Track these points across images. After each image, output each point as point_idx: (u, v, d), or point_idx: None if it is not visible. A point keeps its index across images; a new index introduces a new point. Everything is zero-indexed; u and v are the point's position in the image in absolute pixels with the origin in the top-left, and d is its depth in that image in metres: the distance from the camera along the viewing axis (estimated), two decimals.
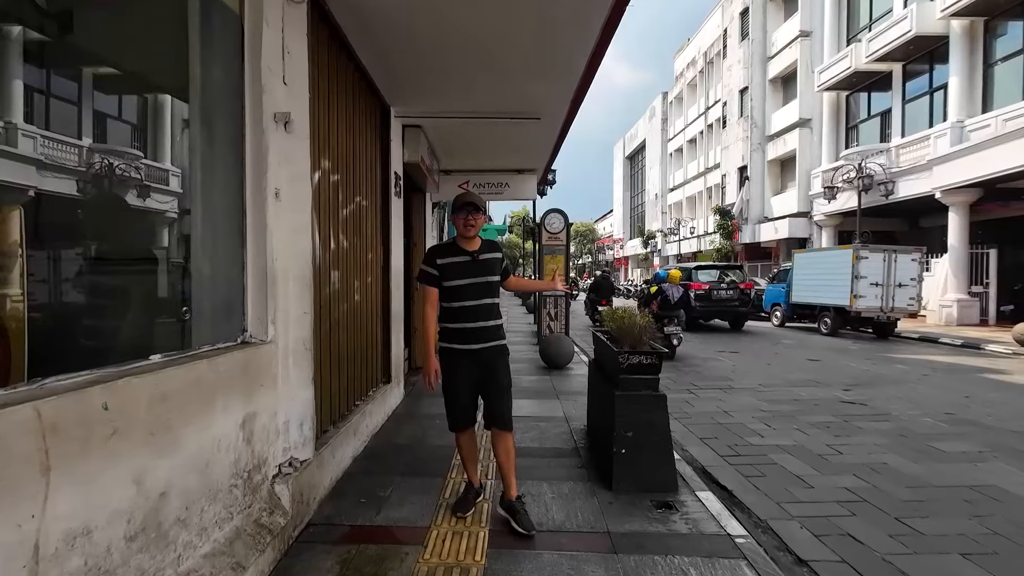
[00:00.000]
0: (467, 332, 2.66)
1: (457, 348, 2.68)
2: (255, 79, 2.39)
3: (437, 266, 2.63)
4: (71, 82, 2.08)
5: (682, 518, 2.81)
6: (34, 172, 1.85)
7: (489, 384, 2.72)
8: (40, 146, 1.88)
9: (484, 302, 2.68)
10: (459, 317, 2.67)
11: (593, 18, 3.25)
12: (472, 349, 2.66)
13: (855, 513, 3.08)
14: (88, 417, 1.39)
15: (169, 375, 1.71)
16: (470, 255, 2.67)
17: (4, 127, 1.79)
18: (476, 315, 2.66)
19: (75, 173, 2.01)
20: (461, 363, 2.68)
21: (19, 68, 1.86)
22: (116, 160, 2.16)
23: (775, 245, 23.42)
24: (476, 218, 2.67)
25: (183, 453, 1.78)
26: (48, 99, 2.01)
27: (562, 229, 9.07)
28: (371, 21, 3.31)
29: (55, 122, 1.97)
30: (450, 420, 2.80)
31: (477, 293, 2.65)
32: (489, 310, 2.70)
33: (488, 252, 2.75)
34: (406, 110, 5.06)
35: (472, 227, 2.66)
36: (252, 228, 2.41)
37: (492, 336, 2.71)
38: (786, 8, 23.47)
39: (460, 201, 2.70)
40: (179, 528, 1.77)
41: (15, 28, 1.85)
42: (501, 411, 2.73)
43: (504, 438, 2.74)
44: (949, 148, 13.79)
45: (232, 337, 2.33)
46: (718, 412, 5.37)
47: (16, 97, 1.85)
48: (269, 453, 2.41)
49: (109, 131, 2.20)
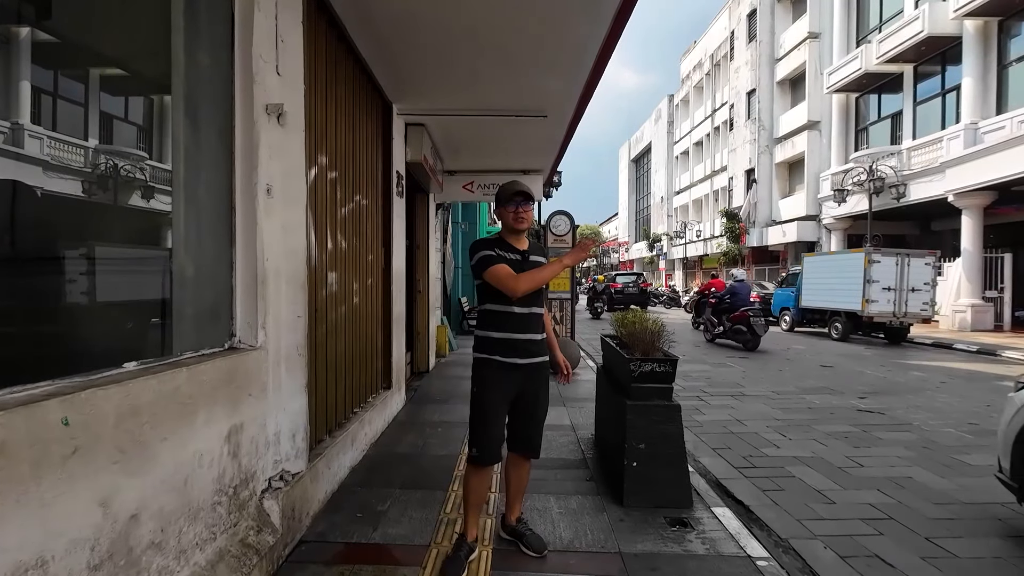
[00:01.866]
0: (514, 344, 2.30)
1: (500, 361, 2.30)
2: (246, 68, 2.24)
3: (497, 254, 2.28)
4: (78, 83, 1.98)
5: (698, 537, 2.63)
6: (40, 172, 1.78)
7: (528, 405, 2.37)
8: (47, 147, 1.81)
9: (534, 311, 2.34)
10: (506, 325, 2.30)
11: (606, 5, 3.09)
12: (518, 364, 2.30)
13: (882, 532, 2.89)
14: (42, 435, 1.23)
15: (142, 386, 1.56)
16: (521, 254, 2.33)
17: (11, 128, 1.70)
18: (525, 325, 2.31)
19: (81, 174, 1.93)
20: (503, 380, 2.30)
21: (27, 69, 1.77)
22: (121, 161, 2.07)
23: (783, 248, 23.15)
24: (528, 209, 2.33)
25: (158, 471, 1.62)
26: (56, 100, 1.92)
27: (568, 231, 8.88)
28: (371, 11, 3.17)
29: (58, 122, 1.89)
30: (478, 450, 2.30)
31: (527, 299, 2.30)
32: (538, 321, 2.37)
33: (538, 254, 2.41)
34: (409, 107, 4.91)
35: (524, 220, 2.31)
36: (241, 226, 2.25)
37: (539, 350, 2.37)
38: (794, 10, 23.26)
39: (510, 190, 2.32)
40: (153, 552, 1.62)
41: (23, 29, 1.75)
42: (532, 435, 2.43)
43: (525, 465, 2.50)
44: (962, 150, 13.54)
45: (219, 343, 2.18)
46: (730, 421, 5.18)
47: (24, 98, 1.75)
48: (258, 467, 2.25)
49: (113, 132, 2.10)
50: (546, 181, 9.80)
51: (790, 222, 21.97)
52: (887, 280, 11.53)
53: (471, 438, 2.34)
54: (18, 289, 1.68)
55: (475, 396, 2.34)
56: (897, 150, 16.35)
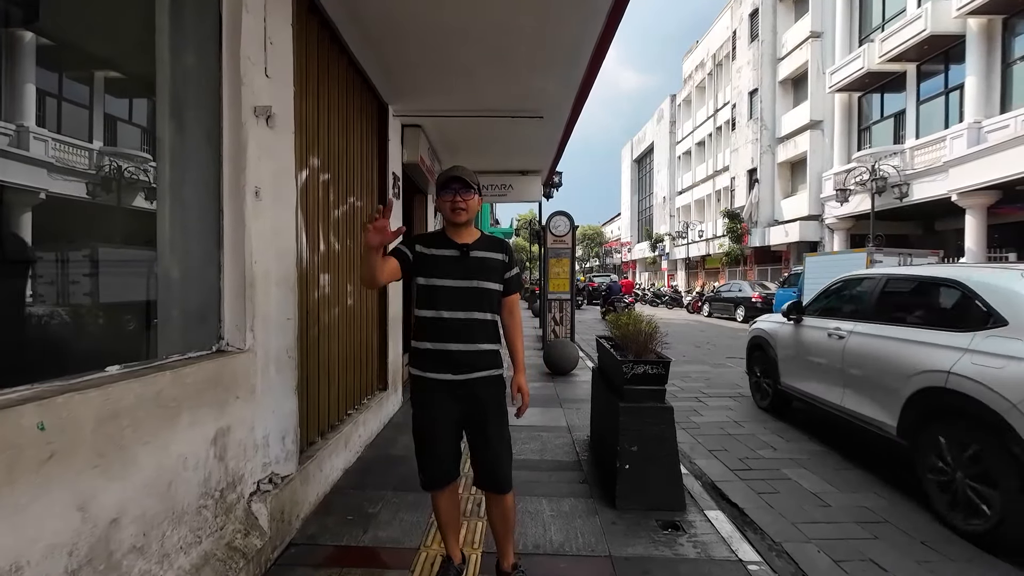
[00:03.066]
0: (444, 356, 1.95)
1: (429, 378, 1.98)
2: (233, 70, 2.24)
3: (415, 251, 1.99)
4: (83, 85, 2.00)
5: (690, 540, 2.61)
6: (45, 175, 1.82)
7: (478, 427, 2.02)
8: (52, 149, 1.85)
9: (471, 316, 1.96)
10: (434, 333, 1.96)
11: (598, 2, 3.07)
12: (450, 380, 1.96)
13: (877, 536, 2.86)
14: (16, 439, 1.23)
15: (123, 389, 1.55)
16: (459, 248, 2.00)
17: (16, 130, 1.74)
18: (458, 332, 1.95)
19: (85, 175, 1.96)
20: (435, 398, 1.99)
21: (31, 72, 1.80)
22: (125, 163, 2.08)
23: (785, 248, 23.06)
24: (467, 198, 1.98)
25: (139, 475, 1.62)
26: (60, 102, 1.94)
27: (567, 232, 8.87)
28: (362, 10, 3.17)
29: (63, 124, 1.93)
30: (422, 476, 2.07)
31: (462, 302, 1.96)
32: (479, 328, 1.98)
33: (487, 249, 2.04)
34: (405, 108, 4.91)
35: (463, 210, 1.97)
36: (229, 228, 2.25)
37: (479, 363, 1.98)
38: (796, 9, 23.17)
39: (444, 176, 2.01)
40: (135, 557, 1.61)
41: (27, 34, 1.77)
42: (492, 467, 2.02)
43: (499, 501, 2.08)
44: (966, 149, 13.45)
45: (207, 345, 2.18)
46: (728, 422, 5.15)
47: (29, 101, 1.78)
48: (246, 469, 2.24)
49: (118, 134, 2.12)
50: (546, 182, 9.79)
51: (792, 222, 21.89)
52: None
53: (417, 463, 2.09)
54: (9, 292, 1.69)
55: (414, 419, 2.08)
56: (900, 149, 16.25)
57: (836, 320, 4.42)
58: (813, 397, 4.54)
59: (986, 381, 2.80)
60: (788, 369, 5.04)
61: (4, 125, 1.72)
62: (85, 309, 2.00)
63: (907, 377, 3.36)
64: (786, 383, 5.04)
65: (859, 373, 3.94)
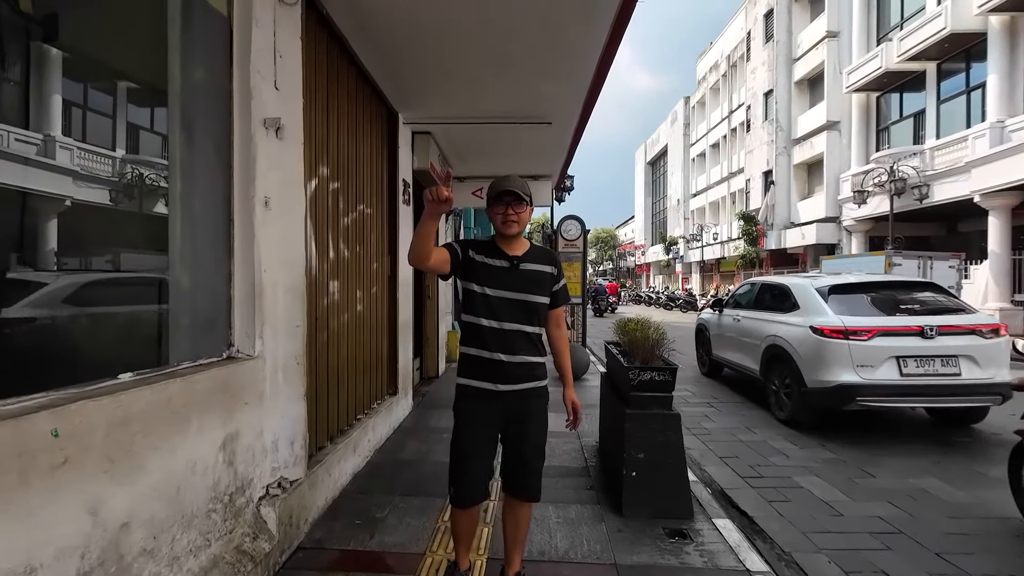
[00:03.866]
0: (490, 366, 1.96)
1: (475, 387, 1.99)
2: (244, 83, 2.30)
3: (467, 256, 1.99)
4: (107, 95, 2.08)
5: (696, 549, 2.59)
6: (70, 182, 1.87)
7: (517, 438, 2.03)
8: (77, 157, 1.91)
9: (520, 328, 1.96)
10: (481, 341, 1.97)
11: (604, 10, 3.08)
12: (495, 390, 1.97)
13: (890, 547, 2.81)
14: (30, 445, 1.28)
15: (133, 396, 1.60)
16: (509, 260, 2.00)
17: (43, 140, 1.80)
18: (505, 343, 1.95)
19: (108, 183, 2.02)
20: (478, 410, 2.00)
21: (58, 83, 1.86)
22: (147, 170, 2.15)
23: (802, 251, 22.71)
24: (520, 210, 1.97)
25: (149, 479, 1.66)
26: (85, 112, 2.02)
27: (579, 236, 8.87)
28: (370, 22, 3.22)
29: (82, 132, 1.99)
30: (454, 490, 2.04)
31: (511, 313, 1.96)
32: (526, 341, 1.99)
33: (538, 261, 2.04)
34: (414, 116, 4.96)
35: (514, 223, 1.97)
36: (240, 238, 2.30)
37: (526, 375, 1.99)
38: (812, 9, 22.88)
39: (496, 188, 1.99)
40: (145, 559, 1.66)
41: (53, 49, 1.84)
42: (526, 478, 2.05)
43: (521, 509, 2.12)
44: (989, 149, 13.13)
45: (217, 352, 2.23)
46: (739, 428, 5.09)
47: (55, 111, 1.85)
48: (255, 474, 2.29)
49: (140, 142, 2.19)
50: (556, 186, 9.79)
51: (809, 224, 21.56)
52: None
53: (450, 475, 2.07)
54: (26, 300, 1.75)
55: (454, 429, 2.08)
56: (920, 150, 15.93)
57: (737, 310, 6.83)
58: (728, 361, 6.93)
59: (786, 337, 5.25)
60: (716, 344, 7.44)
61: (32, 135, 1.79)
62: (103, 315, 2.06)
63: (762, 339, 5.75)
64: (716, 354, 7.45)
65: (746, 341, 6.26)
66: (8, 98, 1.79)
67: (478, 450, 2.02)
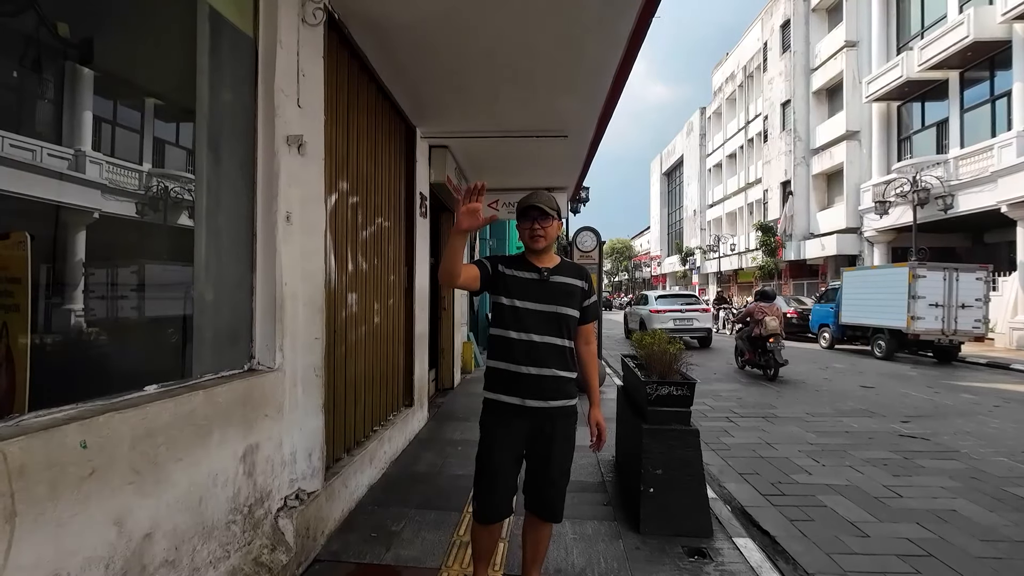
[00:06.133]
0: (521, 380, 1.94)
1: (502, 402, 1.97)
2: (268, 102, 2.37)
3: (497, 271, 2.02)
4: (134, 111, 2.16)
5: (716, 569, 2.54)
6: (98, 195, 1.94)
7: (541, 458, 2.00)
8: (105, 171, 1.99)
9: (550, 341, 1.95)
10: (511, 355, 1.95)
11: (619, 28, 3.11)
12: (525, 406, 1.94)
13: (919, 570, 2.71)
14: (60, 457, 1.31)
15: (158, 409, 1.63)
16: (539, 272, 2.01)
17: (75, 154, 1.88)
18: (536, 356, 1.93)
19: (135, 196, 2.09)
20: (505, 426, 1.97)
21: (89, 100, 1.95)
22: (171, 183, 2.21)
23: (822, 262, 22.34)
24: (547, 225, 1.99)
25: (172, 491, 1.69)
26: (114, 128, 2.10)
27: (594, 247, 8.84)
28: (390, 41, 3.29)
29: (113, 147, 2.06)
30: (478, 506, 2.01)
31: (541, 325, 1.95)
32: (557, 354, 1.96)
33: (568, 275, 2.05)
34: (432, 130, 5.03)
35: (541, 238, 2.00)
36: (262, 252, 2.35)
37: (556, 392, 1.96)
38: (830, 19, 22.74)
39: (523, 204, 2.02)
40: (167, 570, 1.68)
41: (84, 69, 1.93)
42: (551, 499, 2.02)
43: (545, 528, 2.10)
44: (1015, 159, 12.83)
45: (239, 364, 2.27)
46: (760, 444, 4.99)
47: (86, 127, 1.93)
48: (273, 486, 2.31)
49: (166, 155, 2.26)
50: (572, 197, 9.81)
51: (829, 235, 21.22)
52: (934, 296, 10.95)
53: (474, 490, 2.06)
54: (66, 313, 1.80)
55: (479, 443, 2.06)
56: (943, 159, 15.62)
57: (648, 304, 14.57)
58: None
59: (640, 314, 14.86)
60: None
61: (64, 150, 1.86)
62: (130, 326, 2.12)
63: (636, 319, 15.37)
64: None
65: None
66: (43, 115, 1.87)
67: (503, 466, 1.98)
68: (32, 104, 1.85)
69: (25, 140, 1.76)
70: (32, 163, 1.75)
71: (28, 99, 1.84)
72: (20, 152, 1.73)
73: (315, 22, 2.62)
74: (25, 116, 1.84)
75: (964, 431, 5.47)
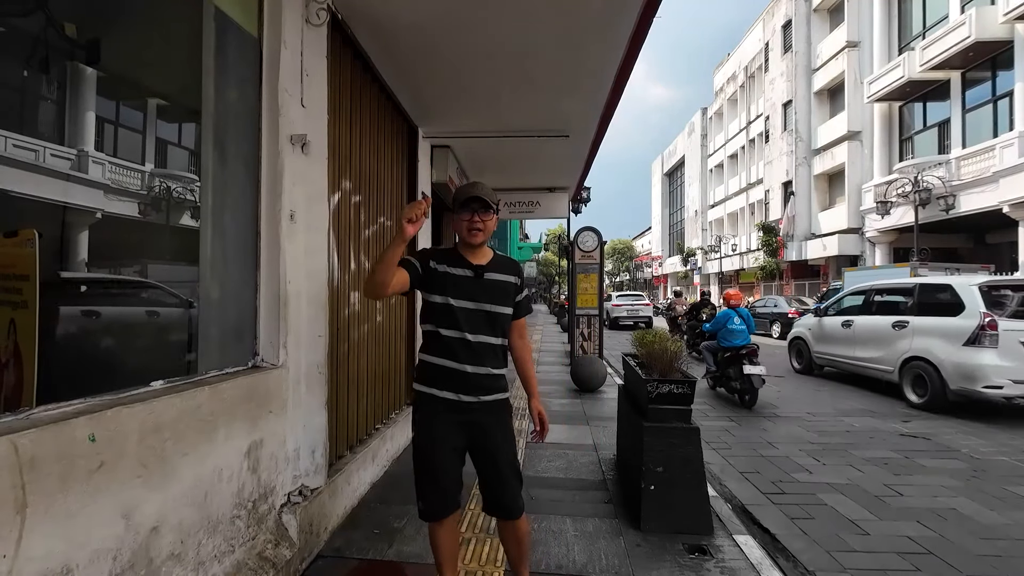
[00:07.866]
0: (455, 376, 1.88)
1: (436, 395, 1.90)
2: (272, 102, 2.39)
3: (428, 268, 1.91)
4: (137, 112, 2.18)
5: (717, 566, 2.55)
6: (101, 195, 1.96)
7: (487, 454, 1.95)
8: (108, 171, 2.01)
9: (485, 340, 1.91)
10: (447, 351, 1.89)
11: (620, 28, 3.13)
12: (457, 401, 1.89)
13: (919, 568, 2.72)
14: (70, 450, 1.33)
15: (165, 404, 1.66)
16: (473, 269, 1.94)
17: (77, 155, 1.90)
18: (468, 354, 1.88)
19: (137, 196, 2.11)
20: (440, 418, 1.91)
21: (92, 101, 1.96)
22: (174, 183, 2.24)
23: (824, 263, 22.32)
24: (485, 218, 1.92)
25: (179, 485, 1.71)
26: (117, 128, 2.12)
27: (595, 247, 8.86)
28: (393, 41, 3.31)
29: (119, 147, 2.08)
30: (424, 504, 1.94)
31: (474, 324, 1.90)
32: (489, 352, 1.92)
33: (501, 271, 1.98)
34: (434, 130, 5.06)
35: (480, 232, 1.91)
36: (266, 250, 2.38)
37: (487, 387, 1.93)
38: (831, 19, 22.75)
39: (463, 194, 1.92)
40: (173, 563, 1.70)
41: (88, 69, 1.95)
42: (501, 494, 1.96)
43: (511, 526, 2.03)
44: (1017, 159, 12.83)
45: (243, 361, 2.30)
46: (761, 443, 5.00)
47: (89, 127, 1.95)
48: (277, 482, 2.33)
49: (168, 156, 2.29)
50: (573, 197, 9.83)
51: (831, 235, 21.21)
52: None
53: (416, 489, 1.97)
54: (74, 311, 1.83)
55: (415, 441, 1.99)
56: (945, 160, 15.61)
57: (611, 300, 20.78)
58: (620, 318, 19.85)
59: (607, 308, 18.90)
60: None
61: (67, 150, 1.88)
62: (134, 323, 2.14)
63: None
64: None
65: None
66: (45, 115, 1.90)
67: (444, 459, 1.92)
68: (35, 104, 1.88)
69: (28, 140, 1.78)
70: (35, 163, 1.77)
71: (32, 99, 1.86)
72: (22, 152, 1.75)
73: (319, 22, 2.65)
74: (28, 116, 1.87)
75: (964, 430, 5.47)
